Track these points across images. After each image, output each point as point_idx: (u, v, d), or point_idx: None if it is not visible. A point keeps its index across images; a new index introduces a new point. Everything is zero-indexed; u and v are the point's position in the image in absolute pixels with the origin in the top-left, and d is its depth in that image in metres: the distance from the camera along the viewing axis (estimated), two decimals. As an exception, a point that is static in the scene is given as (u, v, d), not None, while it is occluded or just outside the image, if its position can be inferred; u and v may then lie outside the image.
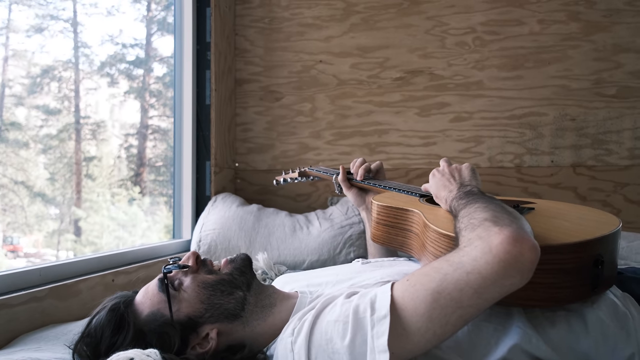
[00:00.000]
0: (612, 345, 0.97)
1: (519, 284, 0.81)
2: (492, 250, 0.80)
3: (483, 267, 0.80)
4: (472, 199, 0.99)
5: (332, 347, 0.87)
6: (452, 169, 1.20)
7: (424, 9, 2.46)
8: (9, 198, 1.92)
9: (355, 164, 1.58)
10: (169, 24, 2.50)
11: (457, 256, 0.84)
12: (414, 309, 0.84)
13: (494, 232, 0.82)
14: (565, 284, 0.94)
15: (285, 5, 2.58)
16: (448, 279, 0.82)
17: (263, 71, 2.61)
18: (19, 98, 1.92)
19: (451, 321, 0.83)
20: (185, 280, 1.06)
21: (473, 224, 0.88)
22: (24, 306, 1.30)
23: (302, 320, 0.95)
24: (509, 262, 0.79)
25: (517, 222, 0.85)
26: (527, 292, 0.89)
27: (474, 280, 0.80)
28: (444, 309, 0.82)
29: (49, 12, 2.00)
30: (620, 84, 2.30)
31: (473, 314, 0.83)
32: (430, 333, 0.83)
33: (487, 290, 0.80)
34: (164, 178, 2.60)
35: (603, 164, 2.31)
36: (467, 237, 0.86)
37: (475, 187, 1.09)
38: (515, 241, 0.80)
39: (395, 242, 1.25)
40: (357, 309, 0.88)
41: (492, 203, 0.94)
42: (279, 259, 2.05)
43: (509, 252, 0.79)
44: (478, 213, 0.90)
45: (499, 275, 0.79)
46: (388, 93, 2.49)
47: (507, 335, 0.98)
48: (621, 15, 2.29)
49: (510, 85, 2.38)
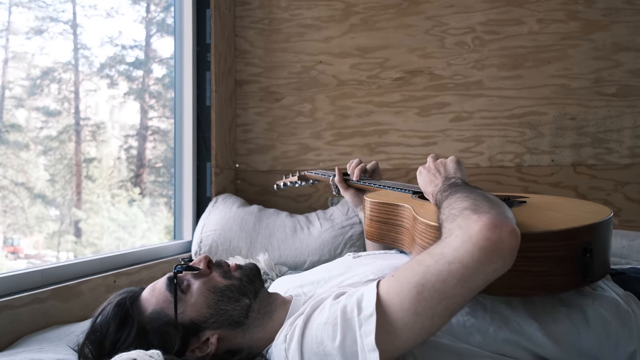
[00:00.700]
0: (614, 341, 0.98)
1: (501, 270, 0.81)
2: (471, 238, 0.80)
3: (464, 255, 0.79)
4: (454, 190, 0.99)
5: (323, 349, 0.87)
6: (437, 164, 1.21)
7: (423, 9, 2.46)
8: (10, 199, 1.92)
9: (351, 165, 1.59)
10: (169, 25, 2.50)
11: (438, 248, 0.84)
12: (399, 304, 0.83)
13: (473, 220, 0.82)
14: (555, 271, 0.93)
15: (284, 6, 2.59)
16: (431, 271, 0.82)
17: (263, 72, 2.61)
18: (19, 100, 1.93)
19: (437, 313, 0.82)
20: (194, 283, 1.06)
21: (453, 214, 0.87)
22: (26, 307, 1.31)
23: (293, 326, 0.95)
24: (489, 249, 0.79)
25: (496, 209, 0.85)
26: (515, 280, 0.89)
27: (456, 269, 0.80)
28: (429, 301, 0.81)
29: (49, 14, 2.00)
30: (620, 82, 2.30)
31: (459, 304, 0.83)
32: (417, 327, 0.83)
33: (470, 278, 0.80)
34: (163, 179, 2.60)
35: (603, 163, 2.31)
36: (448, 228, 0.86)
37: (460, 179, 1.09)
38: (495, 227, 0.79)
39: (387, 238, 1.26)
40: (344, 310, 0.87)
41: (473, 192, 0.94)
42: (279, 259, 2.05)
43: (488, 238, 0.79)
44: (458, 203, 0.90)
45: (480, 262, 0.79)
46: (388, 93, 2.49)
47: (507, 327, 0.98)
48: (620, 14, 2.29)
49: (510, 85, 2.39)
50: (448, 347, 0.97)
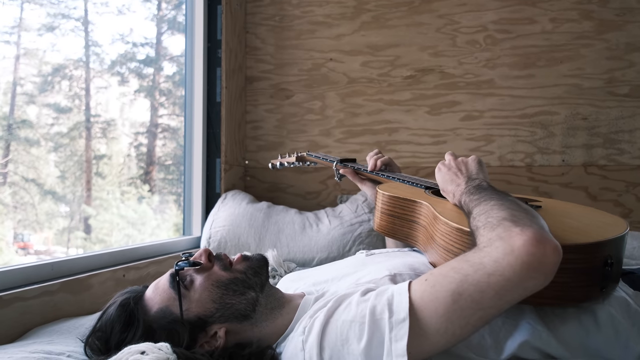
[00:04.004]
0: (624, 341, 0.97)
1: (541, 286, 0.80)
2: (514, 252, 0.78)
3: (505, 268, 0.78)
4: (485, 195, 0.98)
5: (347, 347, 0.86)
6: (458, 162, 1.18)
7: (435, 7, 2.45)
8: (20, 195, 1.93)
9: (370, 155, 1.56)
10: (179, 22, 2.51)
11: (477, 257, 0.83)
12: (433, 311, 0.82)
13: (515, 232, 0.80)
14: (575, 283, 0.93)
15: (296, 3, 2.59)
16: (469, 280, 0.81)
17: (273, 69, 2.61)
18: (30, 96, 1.93)
19: (471, 322, 0.82)
20: (197, 278, 1.05)
21: (491, 223, 0.86)
22: (36, 299, 1.31)
23: (313, 319, 0.94)
24: (532, 264, 0.78)
25: (537, 222, 0.84)
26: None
27: (496, 282, 0.79)
28: (464, 310, 0.81)
29: (60, 10, 2.01)
30: (632, 83, 2.28)
31: (494, 315, 0.82)
32: (449, 334, 0.82)
33: (509, 292, 0.79)
34: (173, 176, 2.60)
35: (615, 164, 2.29)
36: (487, 237, 0.84)
37: (484, 181, 1.07)
38: (539, 242, 0.78)
39: (400, 233, 1.24)
40: (374, 310, 0.86)
41: (507, 200, 0.93)
42: (288, 256, 2.05)
43: (532, 254, 0.78)
44: (495, 211, 0.89)
45: (521, 277, 0.78)
46: (398, 91, 2.48)
47: (517, 331, 0.97)
48: (634, 14, 2.27)
49: (521, 84, 2.37)
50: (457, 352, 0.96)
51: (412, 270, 1.08)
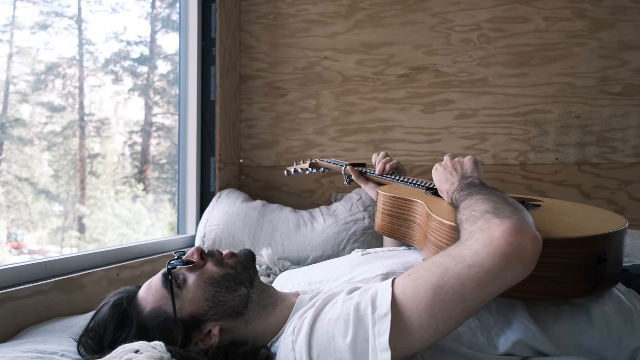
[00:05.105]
0: (617, 339, 0.97)
1: (521, 277, 0.80)
2: (493, 243, 0.79)
3: (485, 260, 0.79)
4: (473, 190, 0.98)
5: (334, 345, 0.87)
6: (454, 162, 1.18)
7: (430, 6, 2.46)
8: (14, 195, 1.92)
9: (378, 157, 1.56)
10: (174, 21, 2.50)
11: (458, 250, 0.83)
12: (415, 305, 0.83)
13: (495, 224, 0.81)
14: (567, 279, 0.93)
15: (290, 1, 2.58)
16: (450, 273, 0.81)
17: (268, 67, 2.61)
18: (23, 95, 1.92)
19: (454, 315, 0.82)
20: (190, 277, 1.05)
21: (474, 217, 0.86)
22: (29, 299, 1.31)
23: (302, 319, 0.94)
24: (510, 254, 0.78)
25: (518, 214, 0.84)
26: (527, 286, 0.88)
27: (476, 273, 0.79)
28: (446, 303, 0.81)
29: (54, 9, 2.00)
30: (625, 81, 2.29)
31: (476, 308, 0.82)
32: (432, 328, 0.82)
33: (490, 283, 0.79)
34: (167, 176, 2.60)
35: (608, 162, 2.30)
36: (469, 230, 0.85)
37: (477, 179, 1.07)
38: (517, 232, 0.79)
39: (399, 232, 1.25)
40: (358, 307, 0.87)
41: (493, 194, 0.93)
42: (283, 254, 2.05)
43: (510, 244, 0.78)
44: (479, 205, 0.89)
45: (501, 267, 0.78)
46: (393, 90, 2.48)
47: (510, 330, 0.97)
48: (627, 13, 2.28)
49: (515, 83, 2.38)
50: (451, 348, 0.97)
51: (406, 270, 1.08)
